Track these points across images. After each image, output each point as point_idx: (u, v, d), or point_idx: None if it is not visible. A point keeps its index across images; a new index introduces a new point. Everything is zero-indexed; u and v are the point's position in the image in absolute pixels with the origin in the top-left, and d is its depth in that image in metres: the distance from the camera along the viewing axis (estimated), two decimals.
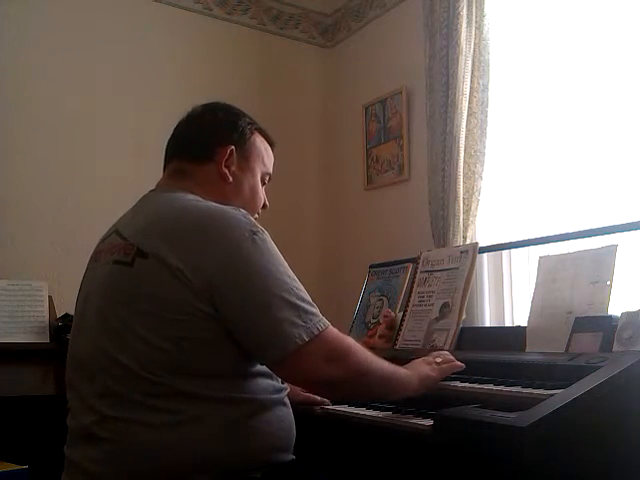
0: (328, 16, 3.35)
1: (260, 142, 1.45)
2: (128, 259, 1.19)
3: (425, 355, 1.51)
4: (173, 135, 1.44)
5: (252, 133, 1.43)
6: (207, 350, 1.15)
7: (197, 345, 1.14)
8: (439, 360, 1.45)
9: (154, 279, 1.15)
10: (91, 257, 1.33)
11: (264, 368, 1.22)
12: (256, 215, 1.44)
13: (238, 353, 1.17)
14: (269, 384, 1.24)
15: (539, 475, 1.06)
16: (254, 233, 1.18)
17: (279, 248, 1.22)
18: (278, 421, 1.22)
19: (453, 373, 1.46)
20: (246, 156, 1.41)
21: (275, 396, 1.24)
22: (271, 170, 1.49)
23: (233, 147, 1.38)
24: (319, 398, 1.60)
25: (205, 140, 1.39)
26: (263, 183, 1.47)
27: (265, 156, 1.45)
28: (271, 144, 1.49)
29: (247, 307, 1.14)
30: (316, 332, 1.15)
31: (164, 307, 1.13)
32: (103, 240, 1.31)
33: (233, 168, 1.38)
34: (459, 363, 1.47)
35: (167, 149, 1.43)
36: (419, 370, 1.40)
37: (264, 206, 1.48)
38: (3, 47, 2.51)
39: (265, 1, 3.18)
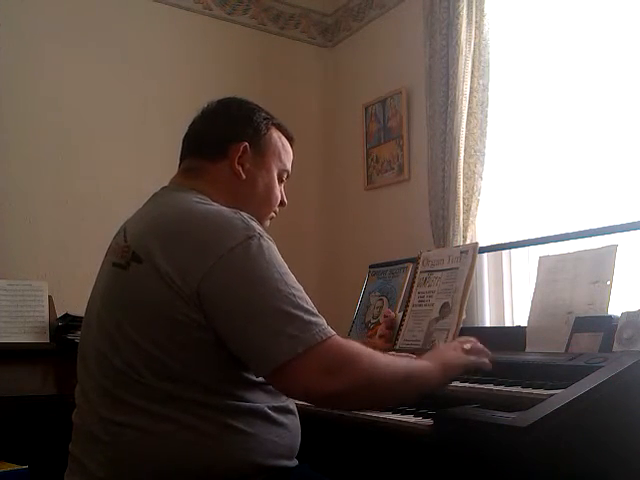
0: (328, 16, 3.35)
1: (277, 138, 1.39)
2: (124, 262, 1.17)
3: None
4: (187, 132, 1.39)
5: (268, 128, 1.37)
6: (201, 358, 1.11)
7: (190, 352, 1.11)
8: (467, 347, 1.31)
9: (145, 283, 1.12)
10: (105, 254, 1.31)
11: None
12: (272, 214, 1.41)
13: (234, 361, 1.13)
14: (270, 390, 1.19)
15: (539, 475, 1.06)
16: (249, 238, 1.11)
17: (278, 249, 1.17)
18: (279, 428, 1.19)
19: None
20: (261, 152, 1.35)
21: (276, 404, 1.20)
22: (289, 167, 1.41)
23: (247, 143, 1.32)
24: None
25: (218, 137, 1.33)
26: (280, 180, 1.40)
27: (282, 152, 1.39)
28: (290, 140, 1.42)
29: (236, 316, 1.09)
30: (313, 343, 1.07)
31: (154, 313, 1.11)
32: (114, 238, 1.29)
33: (247, 165, 1.32)
34: (488, 362, 1.32)
35: (182, 146, 1.39)
36: (442, 358, 1.26)
37: (282, 204, 1.42)
38: (2, 47, 2.51)
39: (265, 1, 3.18)
